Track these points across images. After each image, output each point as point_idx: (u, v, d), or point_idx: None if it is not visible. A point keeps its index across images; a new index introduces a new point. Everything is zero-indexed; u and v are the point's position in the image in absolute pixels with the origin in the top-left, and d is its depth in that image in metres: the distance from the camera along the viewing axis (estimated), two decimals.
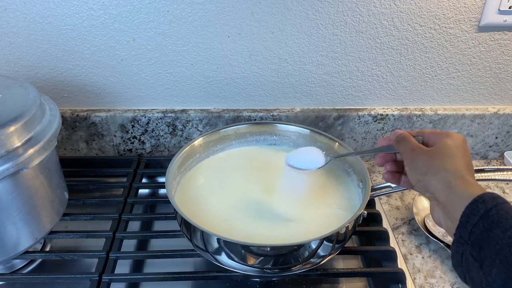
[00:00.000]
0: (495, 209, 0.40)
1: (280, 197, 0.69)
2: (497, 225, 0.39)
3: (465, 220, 0.41)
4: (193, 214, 0.63)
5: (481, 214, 0.40)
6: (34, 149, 0.58)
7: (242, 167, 0.76)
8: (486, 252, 0.39)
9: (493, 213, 0.40)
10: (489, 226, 0.39)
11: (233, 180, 0.73)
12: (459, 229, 0.42)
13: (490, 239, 0.39)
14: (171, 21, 0.77)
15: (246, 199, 0.69)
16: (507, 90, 0.88)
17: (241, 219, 0.65)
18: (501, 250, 0.37)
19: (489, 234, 0.39)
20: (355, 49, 0.81)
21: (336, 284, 0.67)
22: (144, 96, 0.86)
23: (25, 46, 0.79)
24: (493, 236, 0.39)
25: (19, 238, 0.62)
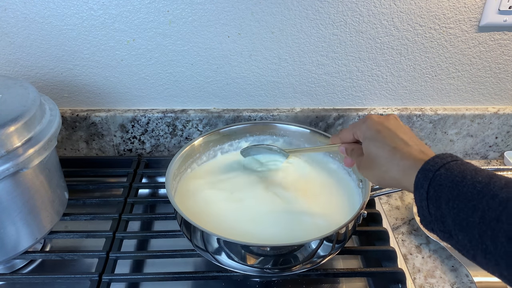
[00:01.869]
0: (438, 178, 0.41)
1: (280, 197, 0.69)
2: (443, 195, 0.40)
3: (418, 199, 0.43)
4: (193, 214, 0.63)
5: (427, 189, 0.41)
6: (34, 149, 0.58)
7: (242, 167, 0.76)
8: (447, 224, 0.40)
9: (436, 185, 0.41)
10: (438, 199, 0.40)
11: (233, 179, 0.73)
12: (419, 211, 0.43)
13: (444, 211, 0.40)
14: (171, 21, 0.77)
15: (246, 199, 0.69)
16: (507, 90, 0.88)
17: (241, 219, 0.65)
18: (455, 218, 0.39)
19: (441, 207, 0.40)
20: (355, 49, 0.81)
21: (336, 284, 0.67)
22: (144, 96, 0.86)
23: (25, 46, 0.79)
24: (444, 208, 0.40)
25: (19, 238, 0.62)
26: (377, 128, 0.51)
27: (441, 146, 0.92)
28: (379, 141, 0.49)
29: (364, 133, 0.52)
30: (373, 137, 0.50)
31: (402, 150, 0.47)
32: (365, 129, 0.52)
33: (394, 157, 0.47)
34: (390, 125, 0.51)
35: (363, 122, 0.53)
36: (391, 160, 0.47)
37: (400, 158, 0.46)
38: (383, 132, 0.50)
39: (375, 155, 0.49)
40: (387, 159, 0.48)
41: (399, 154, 0.47)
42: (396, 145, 0.48)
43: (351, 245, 0.74)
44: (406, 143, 0.48)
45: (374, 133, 0.51)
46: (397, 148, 0.47)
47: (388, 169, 0.47)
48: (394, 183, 0.48)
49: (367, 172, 0.51)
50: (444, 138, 0.91)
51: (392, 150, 0.47)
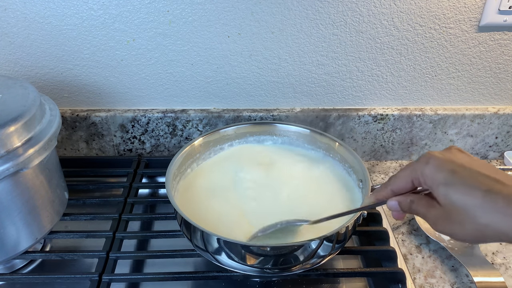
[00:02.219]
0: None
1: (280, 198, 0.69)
2: None
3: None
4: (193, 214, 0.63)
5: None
6: (34, 149, 0.58)
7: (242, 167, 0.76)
8: None
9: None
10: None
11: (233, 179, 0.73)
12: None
13: None
14: (171, 21, 0.77)
15: (246, 199, 0.69)
16: (507, 90, 0.88)
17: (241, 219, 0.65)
18: None
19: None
20: (355, 49, 0.81)
21: (336, 284, 0.67)
22: (144, 96, 0.86)
23: (25, 46, 0.79)
24: None
25: (19, 238, 0.62)
26: (450, 168, 0.40)
27: (441, 146, 0.92)
28: (460, 184, 0.38)
29: (433, 177, 0.40)
30: (449, 180, 0.39)
31: (502, 192, 0.36)
32: (433, 172, 0.40)
33: (495, 204, 0.36)
34: (462, 160, 0.41)
35: (426, 163, 0.41)
36: (492, 208, 0.36)
37: (504, 203, 0.36)
38: (460, 172, 0.39)
39: (463, 205, 0.38)
40: (484, 208, 0.37)
41: (500, 198, 0.36)
42: (488, 187, 0.37)
43: (351, 245, 0.74)
44: (499, 181, 0.38)
45: (448, 175, 0.39)
46: (493, 191, 0.37)
47: (489, 222, 0.37)
48: (501, 237, 0.37)
49: (454, 228, 0.39)
50: (444, 138, 0.91)
51: (487, 194, 0.37)
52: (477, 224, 0.37)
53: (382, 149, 0.93)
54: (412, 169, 0.43)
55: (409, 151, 0.93)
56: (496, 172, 0.39)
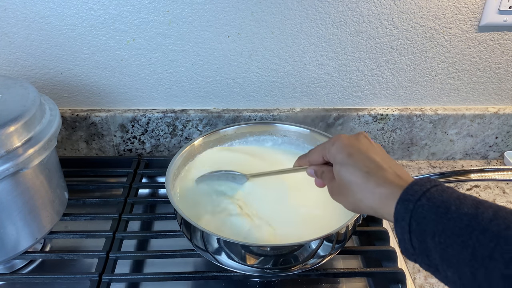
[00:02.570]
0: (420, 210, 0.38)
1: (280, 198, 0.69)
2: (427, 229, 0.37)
3: (400, 232, 0.39)
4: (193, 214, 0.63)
5: (408, 222, 0.38)
6: (34, 149, 0.58)
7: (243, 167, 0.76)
8: (432, 259, 0.37)
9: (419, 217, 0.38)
10: (422, 233, 0.37)
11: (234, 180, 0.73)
12: (400, 243, 0.40)
13: (429, 246, 0.37)
14: (171, 21, 0.77)
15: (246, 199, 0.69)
16: (507, 90, 0.88)
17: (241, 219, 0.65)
18: (443, 254, 0.36)
19: (426, 241, 0.37)
20: (355, 49, 0.81)
21: (336, 284, 0.67)
22: (144, 96, 0.86)
23: (25, 46, 0.79)
24: (430, 242, 0.37)
25: (19, 238, 0.62)
26: (348, 151, 0.47)
27: (441, 146, 0.92)
28: (350, 165, 0.46)
29: (334, 156, 0.48)
30: (344, 161, 0.47)
31: (376, 175, 0.44)
32: (335, 151, 0.48)
33: (368, 184, 0.43)
34: (362, 145, 0.48)
35: (332, 144, 0.49)
36: (365, 188, 0.44)
37: (375, 185, 0.43)
38: (355, 155, 0.46)
39: (348, 182, 0.46)
40: (360, 186, 0.44)
41: (373, 180, 0.43)
42: (369, 169, 0.44)
43: (351, 245, 0.74)
44: (380, 166, 0.45)
45: (345, 156, 0.47)
46: (370, 174, 0.44)
47: (362, 198, 0.44)
48: (370, 211, 0.44)
49: (340, 198, 0.48)
50: (444, 138, 0.91)
51: (366, 176, 0.44)
52: (354, 198, 0.45)
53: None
54: (323, 146, 0.51)
55: (409, 151, 0.93)
56: (383, 158, 0.46)
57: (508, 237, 0.32)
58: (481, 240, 0.33)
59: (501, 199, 0.83)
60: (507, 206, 0.36)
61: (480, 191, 0.85)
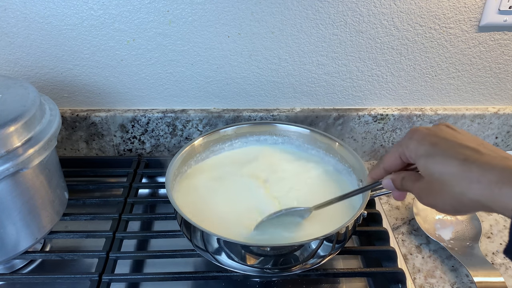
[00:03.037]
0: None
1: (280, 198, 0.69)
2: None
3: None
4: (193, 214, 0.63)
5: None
6: (34, 149, 0.58)
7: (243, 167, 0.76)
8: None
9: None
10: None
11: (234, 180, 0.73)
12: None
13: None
14: (171, 21, 0.77)
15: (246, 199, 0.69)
16: (507, 90, 0.88)
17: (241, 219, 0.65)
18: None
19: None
20: (355, 49, 0.81)
21: (336, 284, 0.67)
22: (144, 96, 0.86)
23: (25, 46, 0.79)
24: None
25: (19, 238, 0.62)
26: (431, 141, 0.40)
27: None
28: (439, 155, 0.39)
29: (416, 150, 0.41)
30: (430, 152, 0.40)
31: (477, 160, 0.36)
32: (415, 145, 0.41)
33: (469, 173, 0.36)
34: (446, 134, 0.41)
35: (410, 138, 0.42)
36: (466, 177, 0.36)
37: (478, 171, 0.36)
38: (441, 144, 0.40)
39: (440, 174, 0.38)
40: (459, 176, 0.37)
41: (475, 167, 0.36)
42: (466, 156, 0.37)
43: (351, 245, 0.74)
44: (477, 151, 0.38)
45: (429, 147, 0.40)
46: (468, 160, 0.37)
47: (464, 190, 0.37)
48: (476, 207, 0.37)
49: (434, 200, 0.40)
50: None
51: (463, 163, 0.37)
52: (454, 193, 0.37)
53: (382, 149, 0.93)
54: (399, 144, 0.44)
55: None
56: (478, 143, 0.39)
57: None
58: None
59: None
60: None
61: None
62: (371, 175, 0.49)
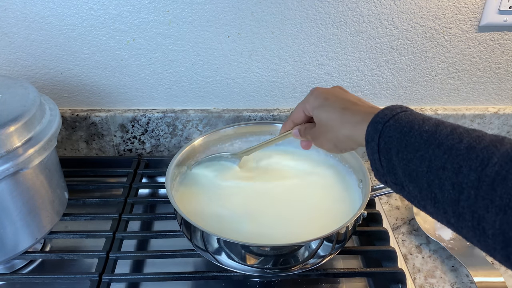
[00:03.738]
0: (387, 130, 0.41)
1: (280, 197, 0.69)
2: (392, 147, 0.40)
3: (370, 152, 0.43)
4: (193, 214, 0.63)
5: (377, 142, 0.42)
6: (34, 149, 0.58)
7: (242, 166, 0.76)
8: (398, 176, 0.41)
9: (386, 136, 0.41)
10: (388, 151, 0.41)
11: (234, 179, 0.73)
12: (372, 164, 0.44)
13: (394, 163, 0.40)
14: (171, 21, 0.77)
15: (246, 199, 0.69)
16: (507, 90, 0.88)
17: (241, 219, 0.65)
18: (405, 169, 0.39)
19: (392, 158, 0.41)
20: (355, 49, 0.81)
21: (336, 284, 0.67)
22: (144, 96, 0.86)
23: (25, 46, 0.79)
24: (395, 159, 0.40)
25: (19, 238, 0.62)
26: (324, 96, 0.53)
27: None
28: (327, 105, 0.51)
29: (312, 104, 0.54)
30: (321, 104, 0.52)
31: (351, 108, 0.48)
32: (313, 100, 0.54)
33: (344, 116, 0.48)
34: (337, 92, 0.53)
35: (310, 95, 0.55)
36: (342, 119, 0.48)
37: (350, 115, 0.48)
38: (331, 98, 0.52)
39: (326, 120, 0.51)
40: (337, 120, 0.49)
41: (349, 112, 0.48)
42: (345, 106, 0.49)
43: (351, 245, 0.74)
44: (355, 103, 0.50)
45: (322, 101, 0.52)
46: (346, 108, 0.49)
47: (340, 129, 0.49)
48: (347, 142, 0.49)
49: (322, 139, 0.53)
50: None
51: (342, 110, 0.49)
52: (333, 132, 0.50)
53: None
54: (303, 101, 0.56)
55: None
56: (359, 99, 0.51)
57: (459, 149, 0.35)
58: (436, 153, 0.37)
59: None
60: None
61: None
62: (284, 127, 0.61)
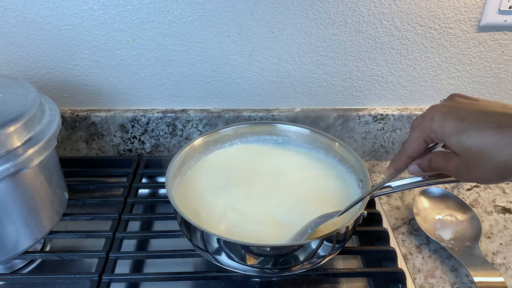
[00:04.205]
0: None
1: (280, 197, 0.69)
2: None
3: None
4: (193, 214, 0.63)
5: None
6: (34, 149, 0.58)
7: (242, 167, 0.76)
8: None
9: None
10: None
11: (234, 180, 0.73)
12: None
13: None
14: (171, 21, 0.77)
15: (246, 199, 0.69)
16: (508, 90, 0.88)
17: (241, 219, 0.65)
18: None
19: None
20: (355, 49, 0.81)
21: (336, 284, 0.67)
22: (144, 96, 0.86)
23: (25, 46, 0.78)
24: None
25: (19, 238, 0.62)
26: (456, 116, 0.39)
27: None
28: (471, 128, 0.37)
29: (442, 130, 0.40)
30: (459, 129, 0.38)
31: (506, 123, 0.36)
32: (440, 125, 0.40)
33: (508, 140, 0.35)
34: (466, 105, 0.40)
35: (431, 119, 0.41)
36: (505, 145, 0.36)
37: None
38: (467, 116, 0.38)
39: (478, 147, 0.37)
40: (498, 144, 0.36)
41: (508, 130, 0.35)
42: (498, 123, 0.36)
43: (351, 245, 0.74)
44: (505, 114, 0.37)
45: (456, 123, 0.39)
46: (503, 126, 0.36)
47: (508, 158, 0.36)
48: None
49: (478, 173, 0.39)
50: None
51: (498, 131, 0.36)
52: (497, 163, 0.37)
53: (382, 149, 0.93)
54: (420, 129, 0.43)
55: None
56: (503, 106, 0.38)
57: None
58: None
59: (501, 199, 0.82)
60: (507, 207, 0.35)
61: (480, 191, 0.85)
62: (395, 166, 0.48)
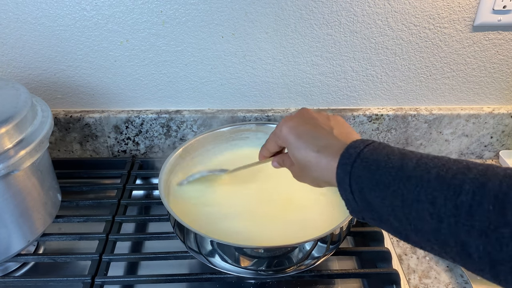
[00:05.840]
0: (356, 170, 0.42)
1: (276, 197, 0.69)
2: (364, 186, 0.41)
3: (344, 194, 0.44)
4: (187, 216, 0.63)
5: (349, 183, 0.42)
6: (26, 151, 0.57)
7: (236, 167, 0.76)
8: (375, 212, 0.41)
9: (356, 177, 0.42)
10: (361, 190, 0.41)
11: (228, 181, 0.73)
12: (347, 204, 0.44)
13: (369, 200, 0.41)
14: (164, 21, 0.77)
15: (241, 200, 0.68)
16: (502, 89, 0.88)
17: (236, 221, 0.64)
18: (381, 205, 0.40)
19: (366, 197, 0.41)
20: (350, 49, 0.81)
21: (330, 285, 0.66)
22: (138, 97, 0.85)
23: (18, 47, 0.78)
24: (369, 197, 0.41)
25: (11, 241, 0.61)
26: (296, 134, 0.50)
27: (436, 146, 0.92)
28: (302, 148, 0.49)
29: (285, 140, 0.51)
30: (295, 144, 0.50)
31: (325, 152, 0.47)
32: (284, 136, 0.51)
33: (320, 163, 0.47)
34: (307, 123, 0.51)
35: (280, 130, 0.52)
36: (319, 166, 0.47)
37: (326, 162, 0.46)
38: (303, 136, 0.50)
39: (304, 162, 0.49)
40: (315, 165, 0.47)
41: (324, 158, 0.46)
42: (319, 148, 0.47)
43: (346, 246, 0.74)
44: (327, 145, 0.47)
45: (294, 140, 0.50)
46: (321, 152, 0.47)
47: (319, 175, 0.48)
48: (325, 183, 0.48)
49: (304, 179, 0.52)
50: (439, 138, 0.91)
51: (317, 155, 0.47)
52: (313, 176, 0.49)
53: None
54: (274, 134, 0.55)
55: None
56: (329, 130, 0.50)
57: (429, 180, 0.37)
58: (408, 187, 0.37)
59: None
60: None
61: None
62: (262, 154, 0.59)
